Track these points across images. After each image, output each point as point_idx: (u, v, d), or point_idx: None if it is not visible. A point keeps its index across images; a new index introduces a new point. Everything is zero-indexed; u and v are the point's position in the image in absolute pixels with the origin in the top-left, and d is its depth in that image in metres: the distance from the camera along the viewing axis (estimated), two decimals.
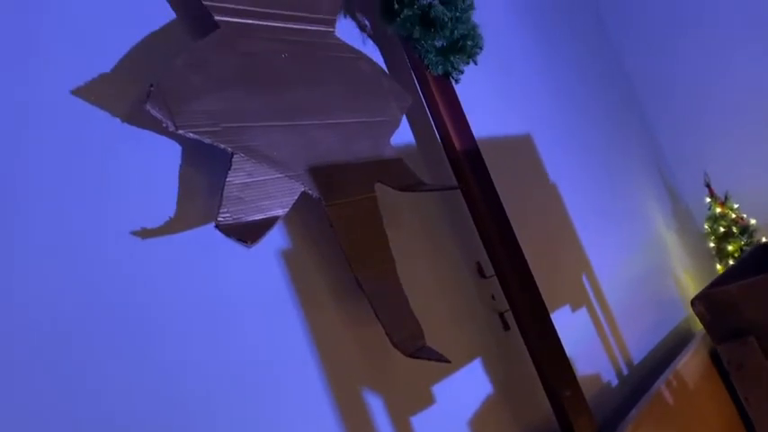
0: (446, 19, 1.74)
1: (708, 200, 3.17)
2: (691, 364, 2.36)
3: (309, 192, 1.33)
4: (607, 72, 3.40)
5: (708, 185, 3.17)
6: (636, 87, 3.55)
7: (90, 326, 0.98)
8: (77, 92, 1.08)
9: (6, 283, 0.92)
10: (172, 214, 1.14)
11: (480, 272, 1.84)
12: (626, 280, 2.65)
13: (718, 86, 3.29)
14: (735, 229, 3.09)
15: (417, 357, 1.36)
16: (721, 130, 3.31)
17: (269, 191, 1.25)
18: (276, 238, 1.32)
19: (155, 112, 1.09)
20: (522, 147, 2.39)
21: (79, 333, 0.97)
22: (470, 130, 1.89)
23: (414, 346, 1.37)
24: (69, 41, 1.11)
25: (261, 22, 1.39)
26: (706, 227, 3.21)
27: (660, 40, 3.43)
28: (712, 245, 3.19)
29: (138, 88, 1.14)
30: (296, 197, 1.30)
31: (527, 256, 1.84)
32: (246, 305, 1.22)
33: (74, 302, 0.98)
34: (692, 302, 2.17)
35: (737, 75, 3.25)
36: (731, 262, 3.07)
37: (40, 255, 0.97)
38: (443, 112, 1.84)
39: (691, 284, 3.08)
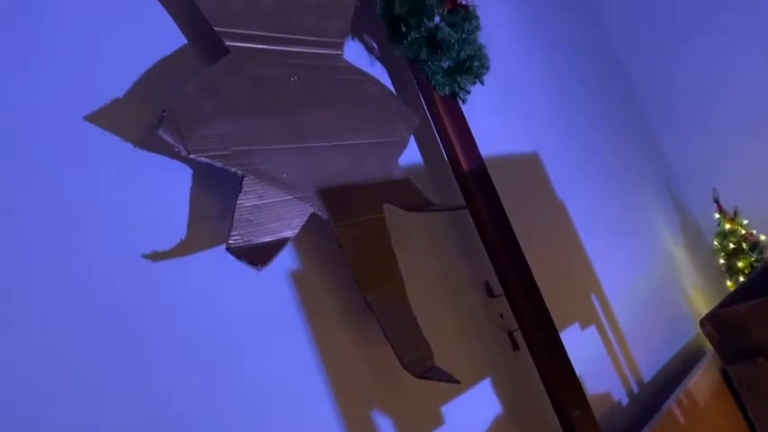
0: (453, 41, 1.76)
1: (717, 216, 3.17)
2: (702, 382, 2.34)
3: (319, 213, 1.34)
4: (612, 85, 3.41)
5: (716, 201, 3.16)
6: (642, 100, 3.56)
7: (98, 349, 0.99)
8: (90, 117, 1.10)
9: (15, 304, 0.93)
10: (183, 237, 1.16)
11: (489, 291, 1.84)
12: (635, 297, 2.64)
13: (726, 100, 3.29)
14: (744, 246, 3.08)
15: (427, 378, 1.36)
16: (729, 144, 3.31)
17: (279, 213, 1.27)
18: (285, 259, 1.33)
19: (167, 137, 1.11)
20: (528, 163, 2.40)
21: (86, 357, 0.98)
22: (477, 149, 1.90)
23: (423, 366, 1.37)
24: (82, 67, 1.14)
25: (270, 47, 1.41)
26: (715, 243, 3.20)
27: (665, 53, 3.44)
28: (722, 261, 3.18)
29: (150, 113, 1.16)
30: (305, 219, 1.31)
31: (535, 275, 1.84)
32: (256, 326, 1.23)
33: (80, 326, 0.99)
34: (701, 323, 2.16)
35: (744, 88, 3.25)
36: (741, 278, 3.06)
37: (49, 275, 0.98)
38: (450, 132, 1.85)
39: (701, 301, 3.06)
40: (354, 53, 1.77)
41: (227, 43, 1.32)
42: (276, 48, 1.43)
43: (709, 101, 3.33)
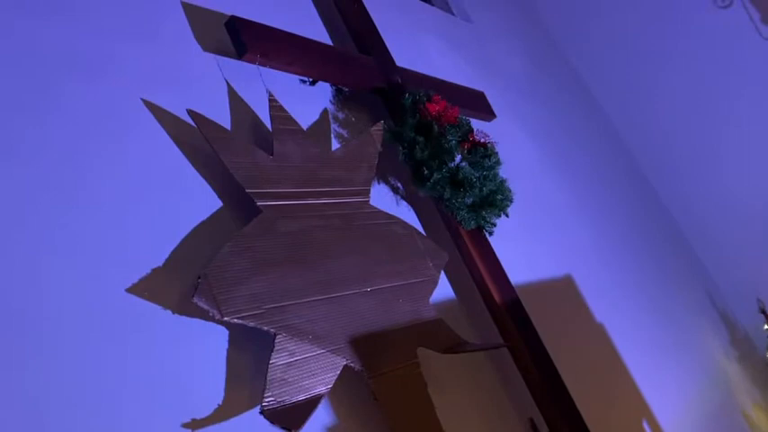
0: (474, 179, 1.82)
1: (766, 327, 3.04)
2: None
3: (351, 365, 1.33)
4: (645, 203, 3.43)
5: (763, 312, 3.06)
6: (677, 217, 3.55)
7: None
8: (131, 289, 1.14)
9: None
10: (220, 401, 1.16)
11: (534, 429, 1.76)
12: (690, 420, 2.49)
13: (764, 209, 3.27)
14: None
15: None
16: None
17: (312, 368, 1.26)
18: (320, 415, 1.31)
19: (202, 304, 1.14)
20: (562, 287, 2.38)
21: None
22: (508, 281, 1.89)
23: None
24: (121, 236, 1.20)
25: (300, 201, 1.48)
26: None
27: (695, 170, 3.48)
28: None
29: (188, 278, 1.20)
30: (338, 372, 1.30)
31: (581, 407, 1.76)
32: None
33: None
34: None
35: None
36: None
37: None
38: (480, 265, 1.86)
39: (764, 420, 2.87)
40: (380, 195, 1.83)
41: (259, 203, 1.38)
42: (305, 202, 1.49)
43: (745, 211, 3.31)
